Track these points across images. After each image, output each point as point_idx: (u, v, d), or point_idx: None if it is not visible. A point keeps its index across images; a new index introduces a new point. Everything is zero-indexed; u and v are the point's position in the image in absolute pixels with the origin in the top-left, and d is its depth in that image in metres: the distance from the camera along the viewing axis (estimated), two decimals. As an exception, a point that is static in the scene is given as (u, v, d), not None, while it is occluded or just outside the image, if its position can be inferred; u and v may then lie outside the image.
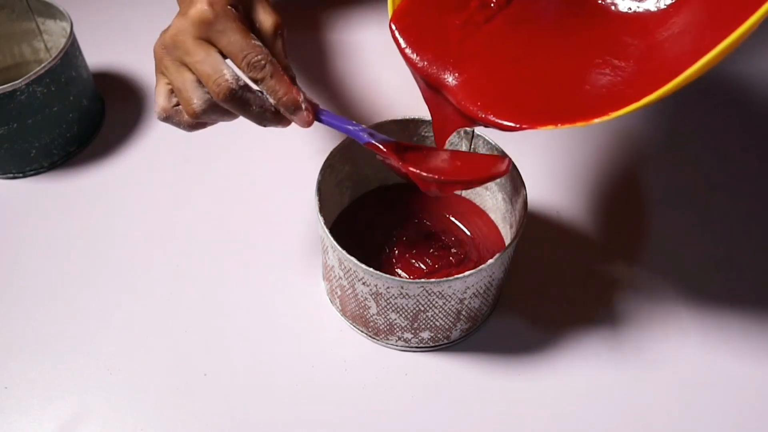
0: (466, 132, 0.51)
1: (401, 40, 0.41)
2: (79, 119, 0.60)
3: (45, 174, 0.60)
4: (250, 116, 0.39)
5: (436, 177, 0.40)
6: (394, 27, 0.42)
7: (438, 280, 0.41)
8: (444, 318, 0.45)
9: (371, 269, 0.42)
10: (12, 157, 0.58)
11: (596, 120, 0.35)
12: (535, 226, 0.56)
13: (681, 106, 0.66)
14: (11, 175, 0.60)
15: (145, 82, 0.68)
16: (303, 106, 0.39)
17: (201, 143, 0.63)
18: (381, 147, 0.41)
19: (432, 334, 0.47)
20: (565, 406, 0.46)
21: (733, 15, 0.35)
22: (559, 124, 0.36)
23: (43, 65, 0.54)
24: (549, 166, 0.61)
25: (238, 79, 0.38)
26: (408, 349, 0.49)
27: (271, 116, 0.40)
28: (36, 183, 0.59)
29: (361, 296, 0.45)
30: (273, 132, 0.64)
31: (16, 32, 0.64)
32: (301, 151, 0.62)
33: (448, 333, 0.47)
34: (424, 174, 0.40)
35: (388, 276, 0.42)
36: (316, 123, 0.41)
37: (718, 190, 0.60)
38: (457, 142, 0.52)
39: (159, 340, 0.49)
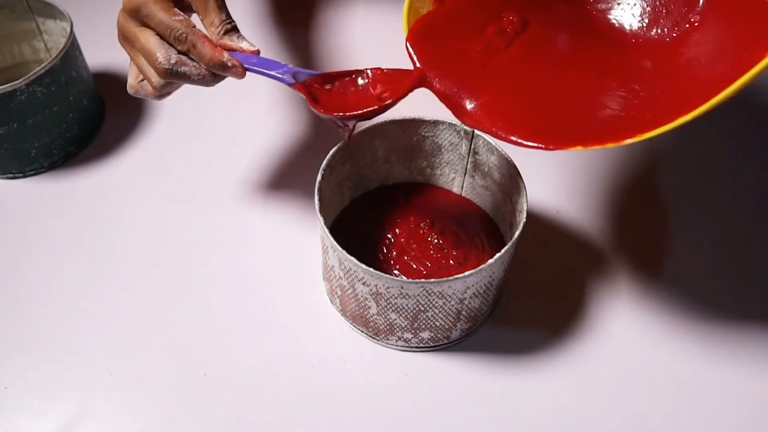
0: (466, 132, 0.51)
1: (418, 63, 0.42)
2: (79, 119, 0.60)
3: (45, 174, 0.60)
4: (194, 83, 0.44)
5: (335, 114, 0.42)
6: (412, 50, 0.42)
7: (438, 280, 0.41)
8: (444, 318, 0.45)
9: (371, 269, 0.42)
10: (12, 157, 0.58)
11: (628, 141, 0.35)
12: (535, 226, 0.56)
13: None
14: (11, 175, 0.60)
15: (145, 82, 0.68)
16: (230, 64, 0.42)
17: (201, 143, 0.63)
18: (301, 84, 0.43)
19: (432, 334, 0.47)
20: (565, 406, 0.46)
21: (744, 43, 0.36)
22: (588, 146, 0.36)
23: (43, 65, 0.54)
24: (549, 166, 0.61)
25: (169, 57, 0.42)
26: (408, 349, 0.49)
27: (210, 78, 0.44)
28: (36, 183, 0.59)
29: (361, 296, 0.45)
30: (273, 132, 0.64)
31: (16, 32, 0.64)
32: (301, 151, 0.62)
33: (448, 333, 0.47)
34: (327, 114, 0.42)
35: (388, 276, 0.42)
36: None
37: (720, 191, 0.60)
38: (457, 141, 0.52)
39: (159, 340, 0.49)
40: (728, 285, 0.53)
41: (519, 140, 0.38)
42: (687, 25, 0.43)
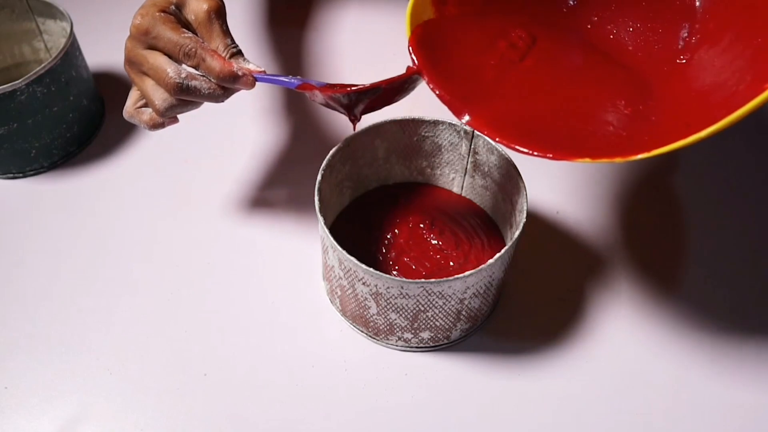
0: (466, 132, 0.51)
1: (427, 76, 0.42)
2: (79, 119, 0.60)
3: (45, 174, 0.60)
4: (204, 98, 0.44)
5: (347, 90, 0.42)
6: (414, 55, 0.42)
7: (438, 280, 0.41)
8: (444, 318, 0.45)
9: (371, 269, 0.42)
10: (12, 157, 0.58)
11: (640, 156, 0.35)
12: (535, 226, 0.56)
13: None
14: (11, 175, 0.60)
15: (145, 82, 0.68)
16: (240, 74, 0.43)
17: (200, 143, 0.63)
18: (310, 83, 0.44)
19: (432, 334, 0.47)
20: (565, 406, 0.46)
21: (747, 68, 0.37)
22: (596, 158, 0.37)
23: (43, 65, 0.54)
24: (549, 166, 0.61)
25: (180, 72, 0.43)
26: (408, 349, 0.49)
27: (221, 92, 0.44)
28: (36, 183, 0.60)
29: (361, 296, 0.45)
30: (273, 132, 0.64)
31: (16, 32, 0.64)
32: (301, 151, 0.62)
33: (448, 333, 0.47)
34: (335, 93, 0.43)
35: (388, 276, 0.42)
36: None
37: (723, 191, 0.60)
38: (457, 141, 0.52)
39: (159, 340, 0.49)
40: (728, 286, 0.53)
41: (526, 150, 0.38)
42: (682, 52, 0.44)
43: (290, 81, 0.45)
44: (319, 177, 0.47)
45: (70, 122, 0.59)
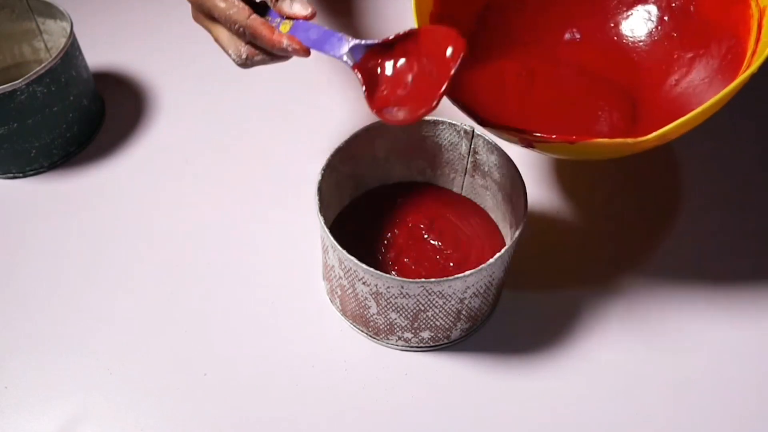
0: (466, 132, 0.51)
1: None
2: (79, 119, 0.60)
3: (45, 174, 0.60)
4: (272, 63, 0.44)
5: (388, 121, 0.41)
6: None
7: (438, 279, 0.41)
8: (444, 318, 0.45)
9: (371, 269, 0.42)
10: (12, 157, 0.58)
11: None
12: (535, 226, 0.56)
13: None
14: (11, 175, 0.60)
15: (145, 82, 0.68)
16: (290, 49, 0.41)
17: (200, 144, 0.63)
18: (361, 70, 0.41)
19: (432, 334, 0.47)
20: (565, 406, 0.46)
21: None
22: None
23: (43, 65, 0.54)
24: (549, 166, 0.61)
25: (240, 53, 0.43)
26: (408, 349, 0.49)
27: (280, 58, 0.44)
28: (36, 183, 0.60)
29: (361, 296, 0.45)
30: (273, 131, 0.64)
31: (16, 32, 0.64)
32: (301, 151, 0.62)
33: (448, 333, 0.47)
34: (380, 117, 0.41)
35: (388, 276, 0.42)
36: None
37: (724, 192, 0.60)
38: (457, 141, 0.52)
39: (159, 340, 0.49)
40: (729, 285, 0.53)
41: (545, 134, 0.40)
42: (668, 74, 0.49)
43: (344, 58, 0.41)
44: (319, 177, 0.47)
45: (70, 122, 0.59)
